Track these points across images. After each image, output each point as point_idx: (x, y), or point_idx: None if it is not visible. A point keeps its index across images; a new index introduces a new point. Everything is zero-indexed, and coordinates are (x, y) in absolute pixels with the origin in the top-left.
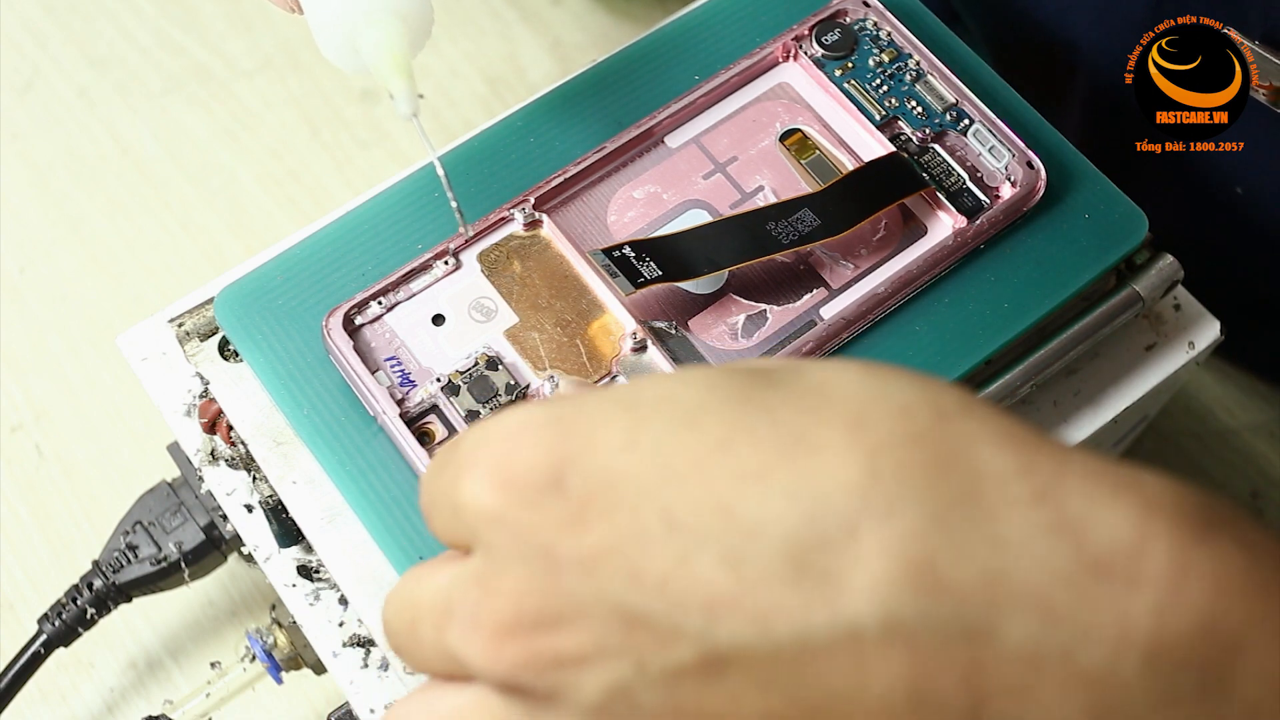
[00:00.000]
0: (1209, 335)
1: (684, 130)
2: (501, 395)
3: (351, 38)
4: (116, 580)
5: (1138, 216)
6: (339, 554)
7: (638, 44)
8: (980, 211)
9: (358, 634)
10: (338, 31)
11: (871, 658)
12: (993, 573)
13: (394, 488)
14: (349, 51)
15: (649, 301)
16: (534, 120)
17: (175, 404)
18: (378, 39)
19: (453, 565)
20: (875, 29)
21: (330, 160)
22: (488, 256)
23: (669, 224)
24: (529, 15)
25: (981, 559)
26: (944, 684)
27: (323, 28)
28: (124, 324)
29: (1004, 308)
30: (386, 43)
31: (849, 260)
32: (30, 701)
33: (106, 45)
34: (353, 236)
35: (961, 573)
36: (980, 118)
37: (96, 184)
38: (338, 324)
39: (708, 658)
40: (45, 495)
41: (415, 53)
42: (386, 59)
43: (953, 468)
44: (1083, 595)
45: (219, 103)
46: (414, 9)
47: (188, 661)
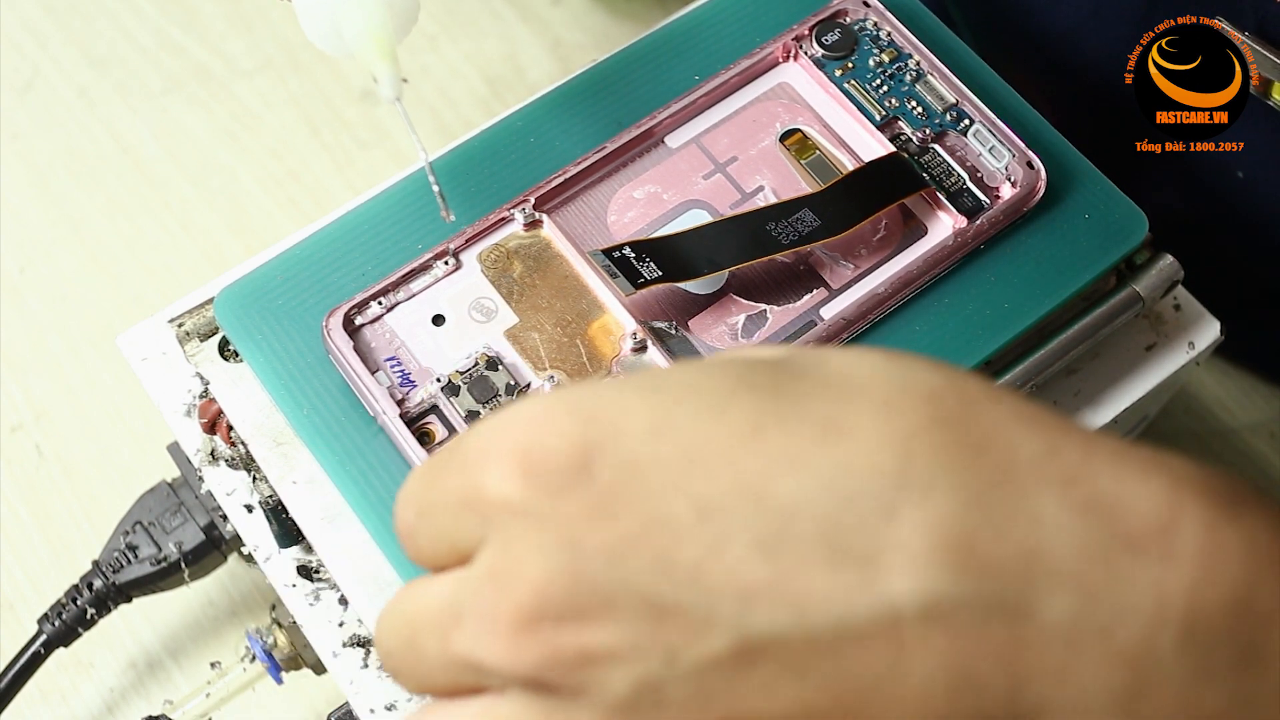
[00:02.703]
0: (1209, 335)
1: (684, 130)
2: (501, 395)
3: (335, 21)
4: (116, 580)
5: (1138, 216)
6: (339, 554)
7: (638, 44)
8: (980, 211)
9: (358, 634)
10: (322, 14)
11: (911, 641)
12: (1030, 552)
13: (394, 488)
14: (333, 34)
15: (649, 302)
16: (534, 120)
17: (175, 404)
18: (361, 22)
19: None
20: (875, 29)
21: (330, 160)
22: (488, 256)
23: (669, 224)
24: (529, 15)
25: (1018, 538)
26: (984, 666)
27: (307, 10)
28: (124, 324)
29: (1004, 308)
30: (370, 26)
31: (849, 260)
32: (30, 701)
33: (106, 45)
34: (353, 236)
35: (999, 552)
36: (980, 118)
37: (96, 184)
38: (338, 324)
39: (742, 647)
40: (45, 495)
41: (401, 37)
42: (370, 43)
43: (984, 450)
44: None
45: (219, 103)
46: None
47: (188, 661)
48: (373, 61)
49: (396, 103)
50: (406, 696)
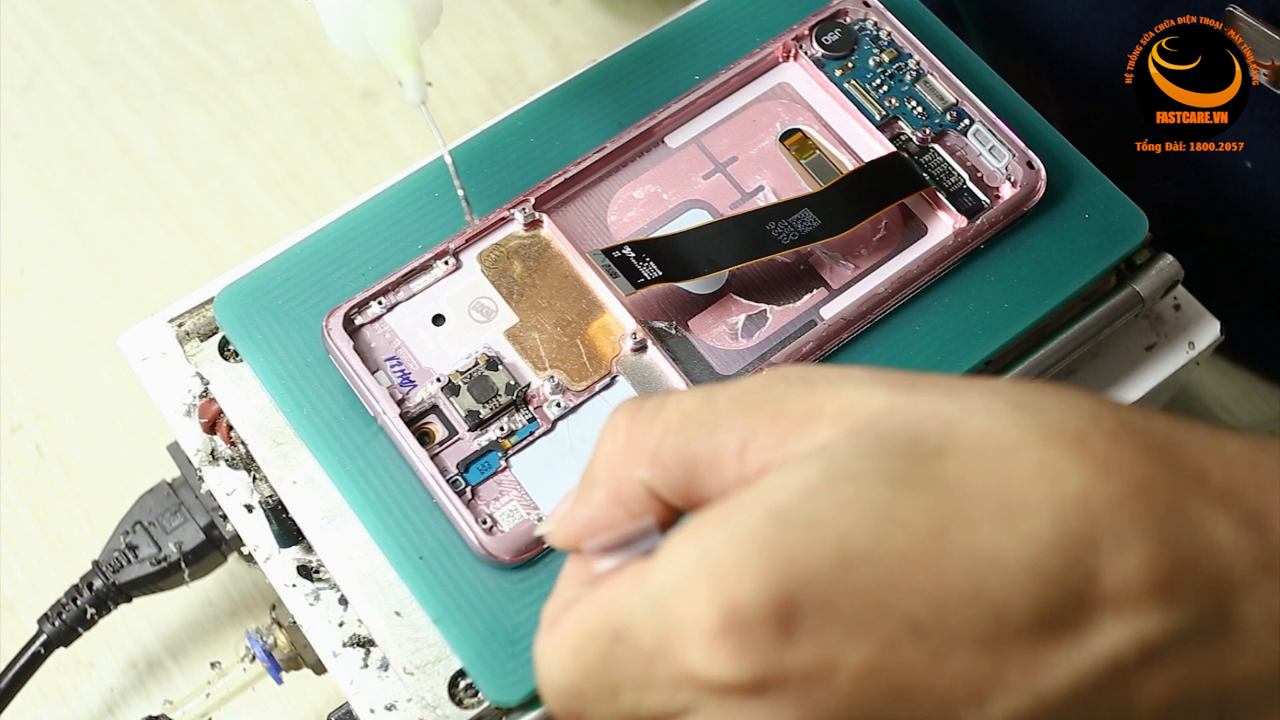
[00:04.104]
0: (1209, 335)
1: (684, 130)
2: (501, 395)
3: (358, 23)
4: (116, 580)
5: (1138, 216)
6: (339, 554)
7: (638, 44)
8: (980, 211)
9: (358, 634)
10: (345, 16)
11: (1134, 684)
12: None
13: (394, 488)
14: (356, 37)
15: (649, 301)
16: (534, 120)
17: (175, 404)
18: (384, 25)
19: None
20: (875, 29)
21: (330, 160)
22: (488, 256)
23: (669, 224)
24: (529, 15)
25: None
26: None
27: (330, 12)
28: (124, 324)
29: (1004, 308)
30: (393, 29)
31: (849, 260)
32: (30, 701)
33: (106, 45)
34: (353, 236)
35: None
36: (980, 118)
37: (96, 184)
38: (338, 324)
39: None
40: (45, 495)
41: (424, 39)
42: (393, 45)
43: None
44: None
45: (219, 103)
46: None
47: (188, 661)
48: (397, 65)
49: (422, 107)
50: (406, 696)
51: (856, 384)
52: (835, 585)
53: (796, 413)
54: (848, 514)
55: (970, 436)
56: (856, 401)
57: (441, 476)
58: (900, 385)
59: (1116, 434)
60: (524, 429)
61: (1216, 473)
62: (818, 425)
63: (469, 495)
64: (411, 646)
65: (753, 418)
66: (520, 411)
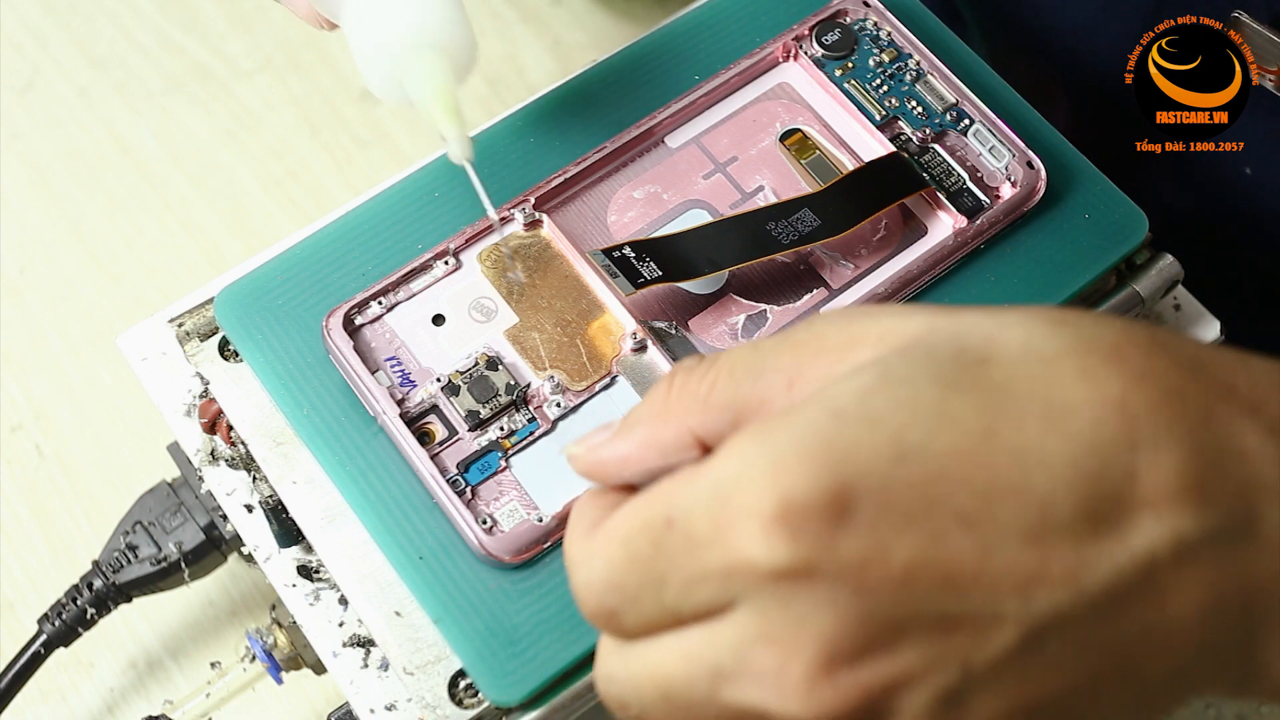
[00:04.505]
0: (1209, 335)
1: (684, 130)
2: (501, 395)
3: (394, 71)
4: (116, 580)
5: (1138, 216)
6: (339, 554)
7: (638, 44)
8: (980, 211)
9: (358, 634)
10: (380, 65)
11: (1168, 583)
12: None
13: (394, 488)
14: (393, 85)
15: (649, 301)
16: (534, 120)
17: (175, 404)
18: (422, 78)
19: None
20: (875, 29)
21: (330, 160)
22: (488, 256)
23: (669, 224)
24: (529, 15)
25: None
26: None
27: (367, 61)
28: (124, 324)
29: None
30: (430, 78)
31: (849, 260)
32: (30, 701)
33: (106, 45)
34: (353, 236)
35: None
36: (980, 118)
37: (96, 184)
38: (338, 324)
39: (1029, 634)
40: (45, 495)
41: (461, 80)
42: (433, 101)
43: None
44: None
45: (219, 103)
46: (455, 40)
47: (188, 661)
48: (437, 119)
49: (466, 164)
50: (406, 696)
51: (894, 313)
52: (889, 478)
53: (838, 344)
54: (902, 412)
55: (1012, 347)
56: (895, 326)
57: (441, 476)
58: (938, 310)
59: (1150, 347)
60: (524, 429)
61: (1244, 386)
62: (859, 351)
63: (469, 495)
64: (411, 646)
65: (798, 355)
66: (520, 411)
